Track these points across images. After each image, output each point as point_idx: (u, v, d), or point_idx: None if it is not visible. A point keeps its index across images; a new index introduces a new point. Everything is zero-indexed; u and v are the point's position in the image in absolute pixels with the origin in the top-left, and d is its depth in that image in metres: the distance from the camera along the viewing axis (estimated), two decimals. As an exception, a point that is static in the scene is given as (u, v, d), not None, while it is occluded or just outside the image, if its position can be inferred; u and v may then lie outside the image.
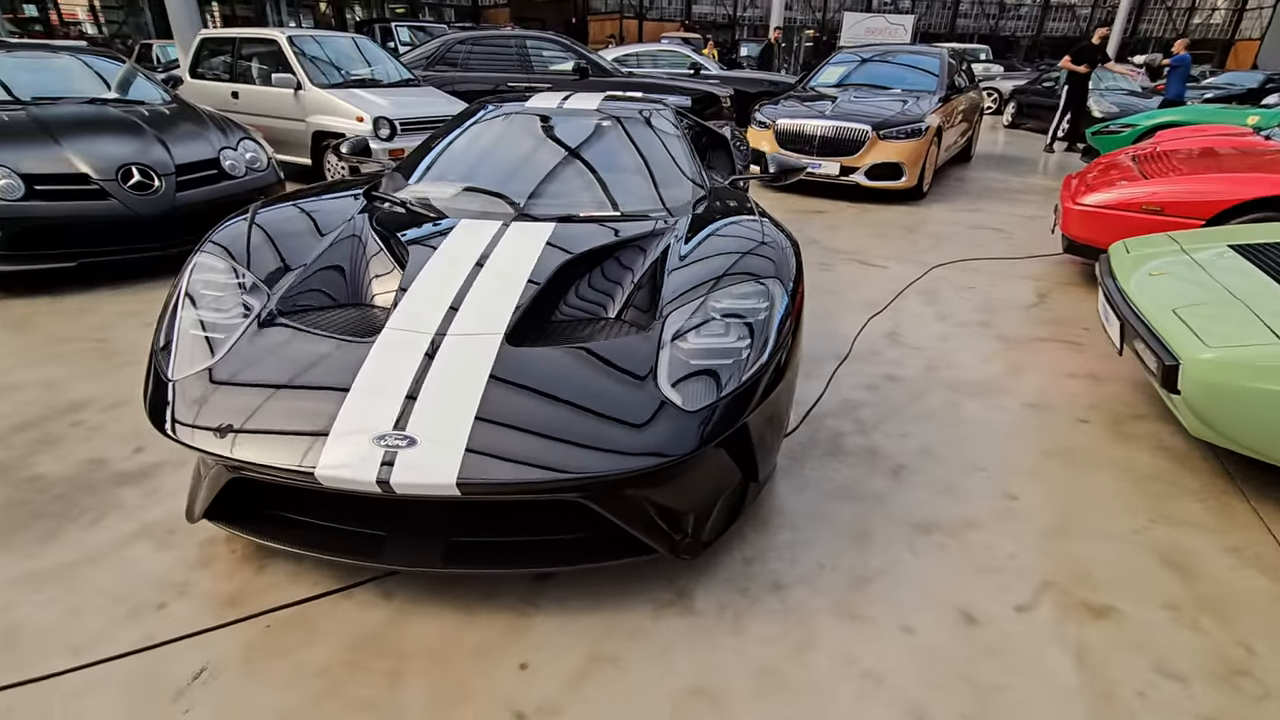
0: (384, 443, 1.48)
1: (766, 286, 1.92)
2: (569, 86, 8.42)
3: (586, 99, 3.31)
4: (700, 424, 1.58)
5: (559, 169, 2.71)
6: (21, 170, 3.65)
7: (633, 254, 2.18)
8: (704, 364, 1.70)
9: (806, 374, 3.01)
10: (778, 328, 1.84)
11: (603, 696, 1.50)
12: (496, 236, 2.21)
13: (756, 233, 2.22)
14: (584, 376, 1.65)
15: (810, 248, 4.99)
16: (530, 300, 1.88)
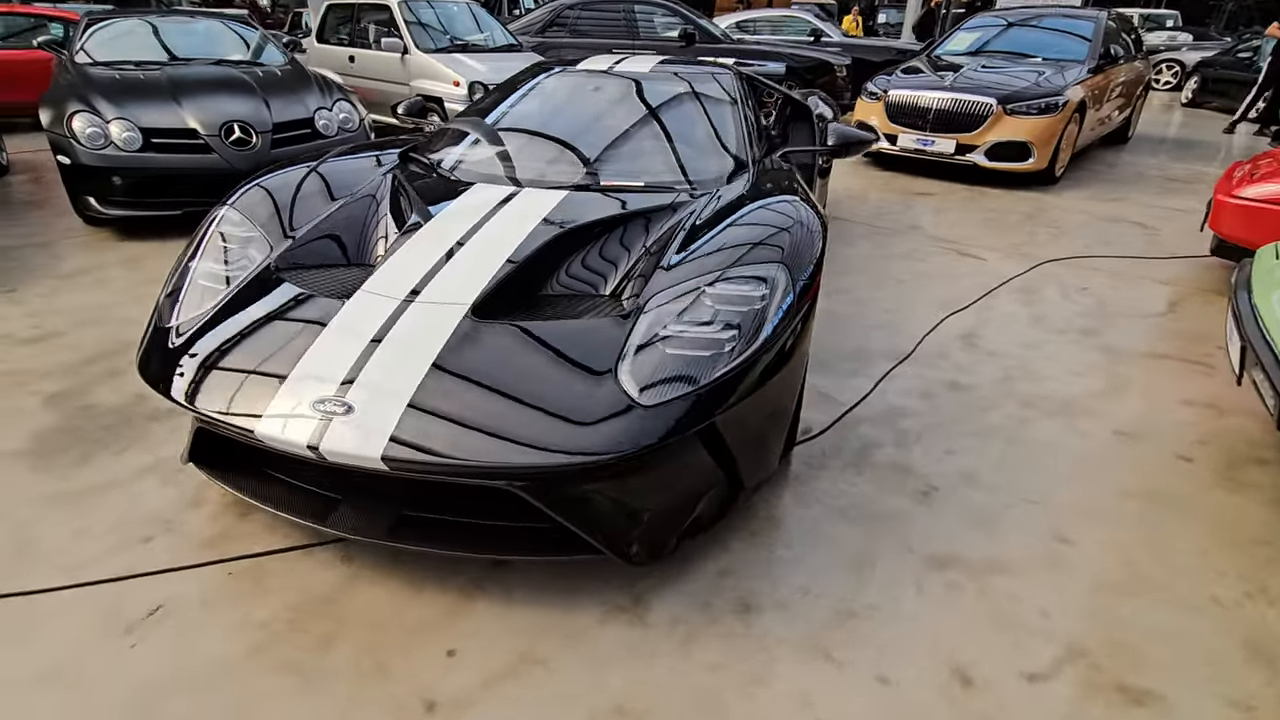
0: (322, 407, 1.45)
1: (769, 274, 1.70)
2: (649, 52, 8.20)
3: (641, 62, 3.12)
4: (654, 420, 1.42)
5: (587, 135, 2.57)
6: (141, 124, 4.03)
7: (638, 229, 2.01)
8: (679, 353, 1.53)
9: (852, 373, 2.72)
10: (776, 320, 1.62)
11: (521, 698, 1.41)
12: (502, 203, 2.12)
13: (781, 215, 1.97)
14: (536, 360, 1.53)
15: (905, 235, 4.54)
16: (509, 272, 1.78)
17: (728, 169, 2.44)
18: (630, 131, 2.58)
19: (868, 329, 3.12)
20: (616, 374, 1.49)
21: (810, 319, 1.79)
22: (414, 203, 2.14)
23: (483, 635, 1.55)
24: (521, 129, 2.69)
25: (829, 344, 2.96)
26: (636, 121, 2.64)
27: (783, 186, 2.24)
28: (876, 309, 3.35)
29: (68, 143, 3.95)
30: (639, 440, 1.40)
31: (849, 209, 5.12)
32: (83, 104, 4.05)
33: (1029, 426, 2.40)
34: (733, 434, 1.60)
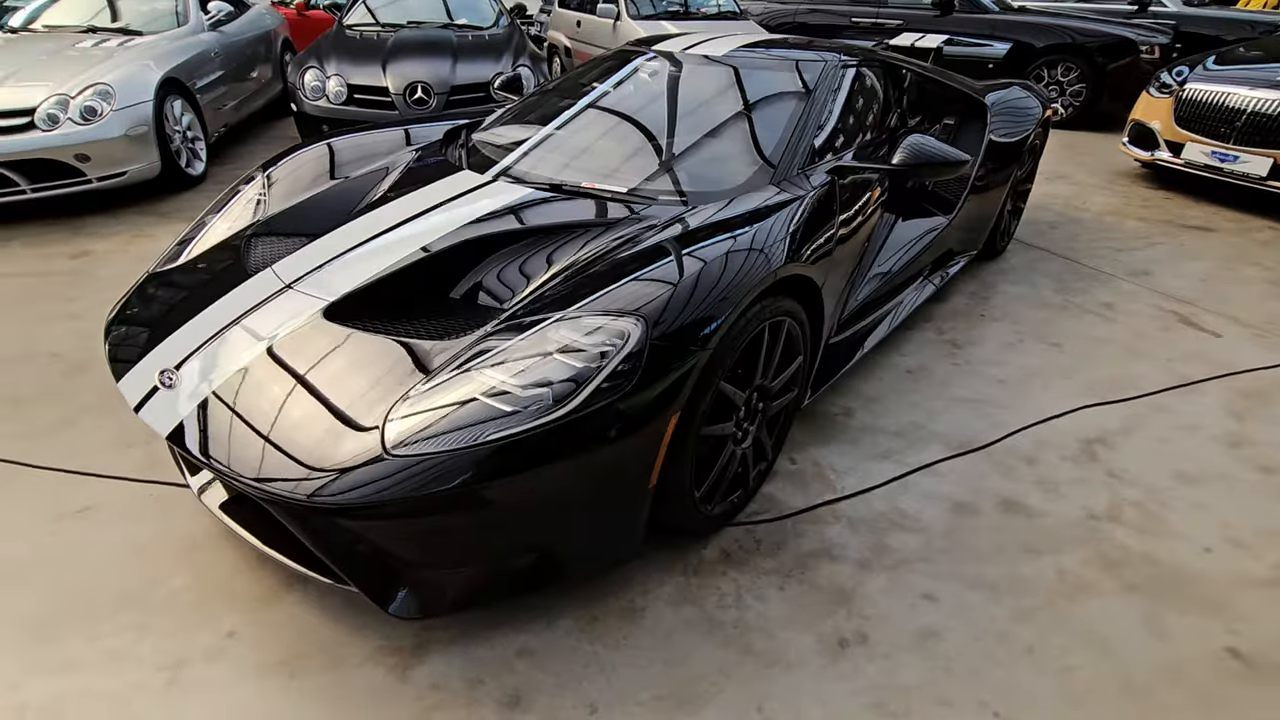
0: (159, 376, 1.53)
1: (624, 327, 1.36)
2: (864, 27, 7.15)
3: (724, 44, 2.68)
4: (402, 473, 1.25)
5: (602, 129, 2.29)
6: (350, 81, 4.67)
7: (575, 242, 1.75)
8: (474, 400, 1.31)
9: (885, 454, 2.13)
10: (604, 380, 1.30)
11: (209, 700, 1.39)
12: (464, 194, 2.00)
13: (715, 251, 1.56)
14: (331, 376, 1.43)
15: (1116, 282, 3.41)
16: (396, 270, 1.68)
17: (746, 177, 2.01)
18: (649, 128, 2.26)
19: (951, 400, 2.42)
20: (389, 411, 1.34)
21: (680, 388, 1.40)
22: (394, 184, 2.14)
23: (271, 628, 1.56)
24: (551, 116, 2.50)
25: (880, 407, 2.36)
26: (663, 117, 2.30)
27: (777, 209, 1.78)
28: (985, 375, 2.57)
29: (297, 94, 4.76)
30: (372, 491, 1.24)
31: (1063, 233, 4.00)
32: (316, 62, 4.83)
33: (1078, 600, 1.66)
34: (532, 504, 1.34)
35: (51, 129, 3.73)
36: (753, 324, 1.57)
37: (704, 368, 1.45)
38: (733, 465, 1.74)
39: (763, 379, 1.72)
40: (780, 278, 1.66)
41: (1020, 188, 3.62)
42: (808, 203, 1.87)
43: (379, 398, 1.38)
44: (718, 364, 1.50)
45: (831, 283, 1.98)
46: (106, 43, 4.53)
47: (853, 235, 2.13)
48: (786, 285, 1.73)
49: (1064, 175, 5.24)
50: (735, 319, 1.50)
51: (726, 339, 1.50)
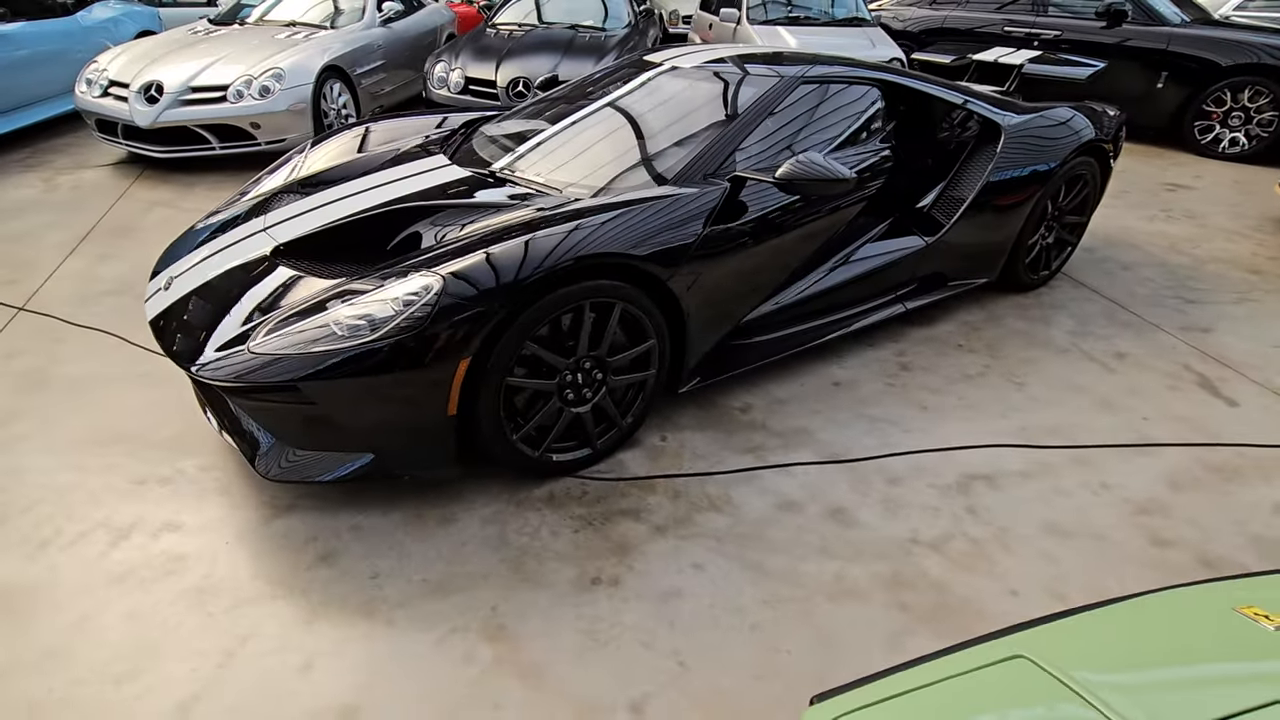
0: (162, 284, 2.15)
1: (429, 282, 1.71)
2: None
3: (698, 58, 2.85)
4: (251, 363, 1.73)
5: (564, 129, 2.61)
6: (467, 74, 5.40)
7: (480, 217, 2.12)
8: (322, 325, 1.74)
9: (750, 449, 2.25)
10: (404, 320, 1.68)
11: (162, 499, 1.96)
12: (425, 174, 2.45)
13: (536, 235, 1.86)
14: (255, 292, 1.95)
15: (1165, 334, 3.06)
16: (329, 227, 2.17)
17: (647, 178, 2.24)
18: (594, 132, 2.54)
19: (858, 415, 2.44)
20: (264, 321, 1.81)
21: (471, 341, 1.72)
22: (385, 162, 2.64)
23: (220, 469, 2.13)
24: (535, 117, 2.86)
25: (781, 410, 2.45)
26: (608, 122, 2.56)
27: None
28: (913, 400, 2.53)
29: (426, 83, 5.59)
30: (228, 374, 1.73)
31: (1134, 276, 3.59)
32: (448, 55, 5.62)
33: (838, 602, 1.71)
34: (348, 407, 1.75)
35: (237, 102, 4.83)
36: (563, 302, 1.84)
37: (501, 327, 1.76)
38: (561, 420, 2.02)
39: (592, 351, 1.98)
40: (610, 264, 1.90)
41: (1064, 219, 3.35)
42: (672, 202, 2.07)
43: (267, 309, 1.87)
44: (522, 329, 1.80)
45: (707, 282, 2.15)
46: (297, 35, 5.67)
47: (750, 241, 2.27)
48: (625, 273, 1.96)
49: (1194, 214, 4.58)
50: (536, 292, 1.79)
51: (532, 308, 1.79)
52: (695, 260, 2.09)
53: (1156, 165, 5.75)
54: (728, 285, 2.26)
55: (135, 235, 3.89)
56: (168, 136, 4.84)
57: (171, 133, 4.82)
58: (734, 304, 2.36)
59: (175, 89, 4.77)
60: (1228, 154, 6.01)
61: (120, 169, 4.99)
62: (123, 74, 4.96)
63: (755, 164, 2.42)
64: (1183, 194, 5.05)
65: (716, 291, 2.22)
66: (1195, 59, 6.01)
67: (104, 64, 5.12)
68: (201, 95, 4.80)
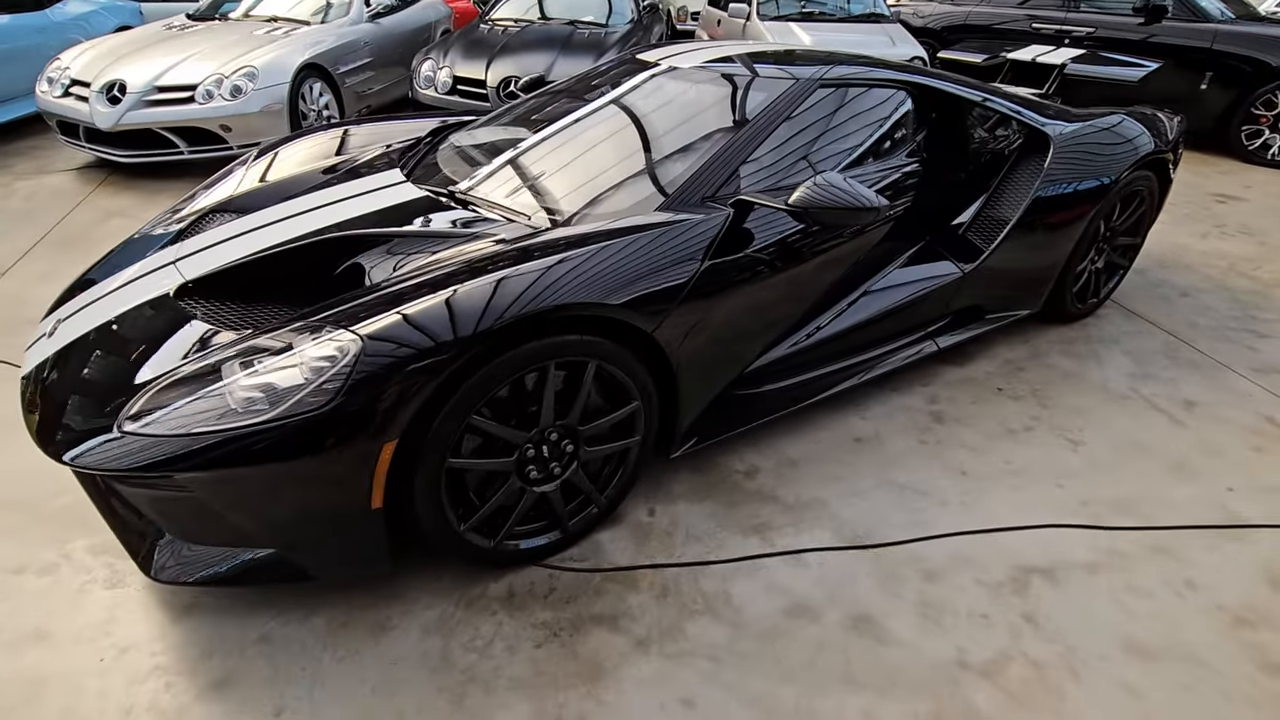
0: (48, 327, 1.79)
1: (345, 345, 1.34)
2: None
3: (690, 57, 2.45)
4: (122, 449, 1.35)
5: (535, 143, 2.22)
6: (456, 73, 5.02)
7: (418, 253, 1.74)
8: (211, 393, 1.38)
9: (755, 528, 1.87)
10: (310, 393, 1.30)
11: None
12: (366, 192, 2.08)
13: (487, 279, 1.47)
14: (136, 349, 1.57)
15: (1237, 376, 2.65)
16: (261, 257, 1.79)
17: (634, 201, 1.86)
18: (571, 145, 2.15)
19: (883, 482, 2.05)
20: (145, 388, 1.44)
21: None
22: (335, 179, 2.27)
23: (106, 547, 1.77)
24: (507, 126, 2.48)
25: (793, 474, 2.06)
26: (587, 134, 2.18)
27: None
28: (950, 461, 2.13)
29: (412, 82, 5.22)
30: (98, 460, 1.36)
31: (1194, 304, 3.18)
32: (435, 53, 5.25)
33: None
34: (247, 500, 1.38)
35: (207, 103, 4.48)
36: (520, 364, 1.46)
37: (439, 400, 1.39)
38: (523, 502, 1.65)
39: (559, 420, 1.60)
40: (581, 316, 1.52)
41: (1116, 241, 2.94)
42: (661, 233, 1.68)
43: (148, 375, 1.50)
44: (465, 400, 1.42)
45: (704, 328, 1.77)
46: (277, 31, 5.32)
47: (757, 276, 1.89)
48: (601, 325, 1.58)
49: (1251, 230, 4.15)
50: (483, 356, 1.41)
51: (478, 375, 1.41)
52: (689, 303, 1.71)
53: (1201, 173, 5.30)
54: (730, 330, 1.87)
55: (85, 250, 3.54)
56: (132, 140, 4.49)
57: (136, 136, 4.47)
58: (737, 351, 1.97)
59: (139, 89, 4.42)
60: (1278, 161, 5.55)
61: (84, 174, 4.65)
62: (85, 72, 4.61)
63: (765, 183, 2.03)
64: (1234, 206, 4.61)
65: (716, 338, 1.83)
66: (1243, 58, 5.55)
67: (66, 61, 4.78)
68: (168, 95, 4.45)
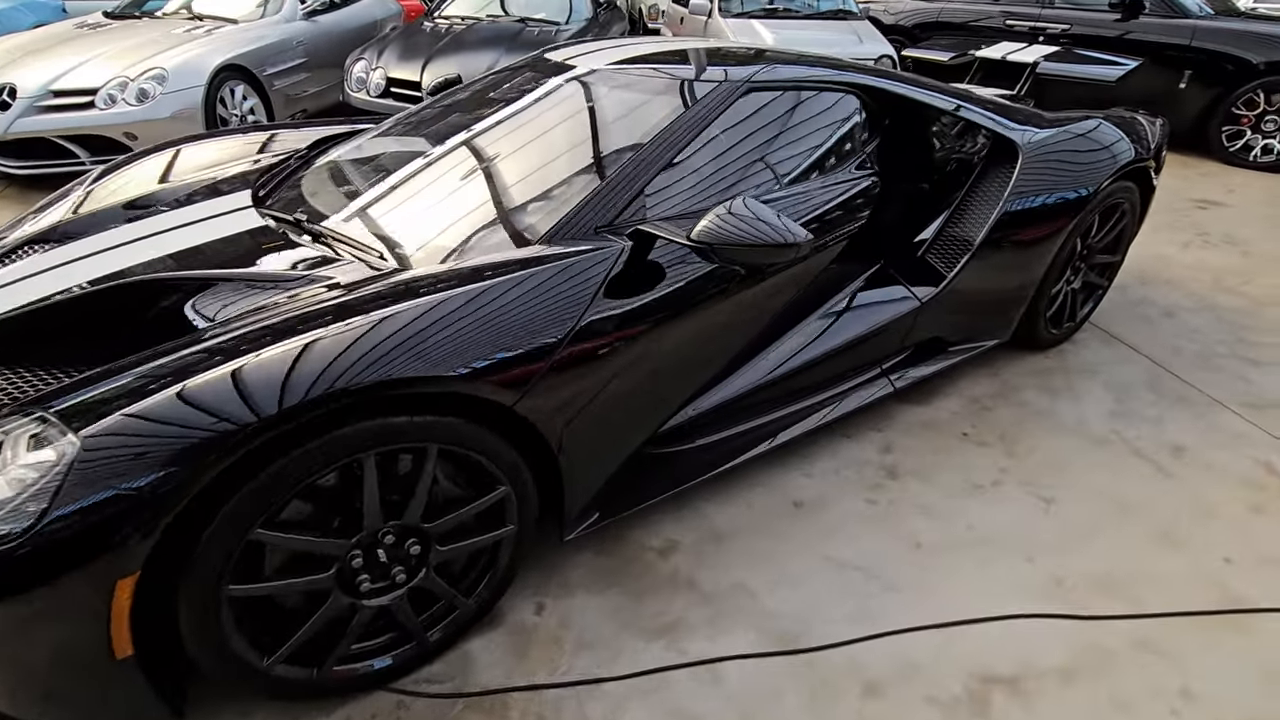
0: None
1: (58, 448, 0.99)
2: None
3: (598, 57, 2.12)
4: None
5: (416, 158, 1.87)
6: (390, 74, 4.66)
7: (214, 302, 1.39)
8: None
9: (662, 629, 1.54)
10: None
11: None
12: (187, 223, 1.72)
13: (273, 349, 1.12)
14: None
15: (1230, 412, 2.36)
16: (45, 305, 1.43)
17: (503, 235, 1.52)
18: (452, 160, 1.81)
19: (824, 560, 1.72)
20: None
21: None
22: (174, 203, 1.91)
23: None
24: (405, 135, 2.13)
25: (718, 552, 1.73)
26: (475, 145, 1.83)
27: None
28: (903, 530, 1.81)
29: (343, 84, 4.85)
30: None
31: (1180, 325, 2.89)
32: (369, 52, 4.88)
33: None
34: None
35: (108, 108, 4.08)
36: (321, 461, 1.12)
37: (203, 516, 1.04)
38: (356, 619, 1.30)
39: (393, 521, 1.26)
40: (418, 393, 1.18)
41: (1095, 259, 2.65)
42: (531, 278, 1.34)
43: None
44: (241, 514, 1.07)
45: (593, 392, 1.43)
46: (198, 29, 4.92)
47: (666, 321, 1.55)
48: (446, 400, 1.24)
49: (1235, 239, 3.89)
50: (265, 454, 1.07)
51: (258, 480, 1.07)
52: (568, 365, 1.37)
53: (1182, 177, 5.05)
54: (630, 391, 1.53)
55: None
56: (27, 149, 4.09)
57: (31, 144, 4.08)
58: (643, 414, 1.63)
59: (31, 93, 4.00)
60: (1260, 163, 5.31)
61: (-24, 187, 4.25)
62: (-24, 75, 4.21)
63: (683, 206, 1.70)
64: (1216, 212, 4.36)
65: (611, 403, 1.49)
66: (1224, 56, 5.31)
67: (-44, 64, 4.37)
68: (64, 100, 4.04)
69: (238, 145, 2.43)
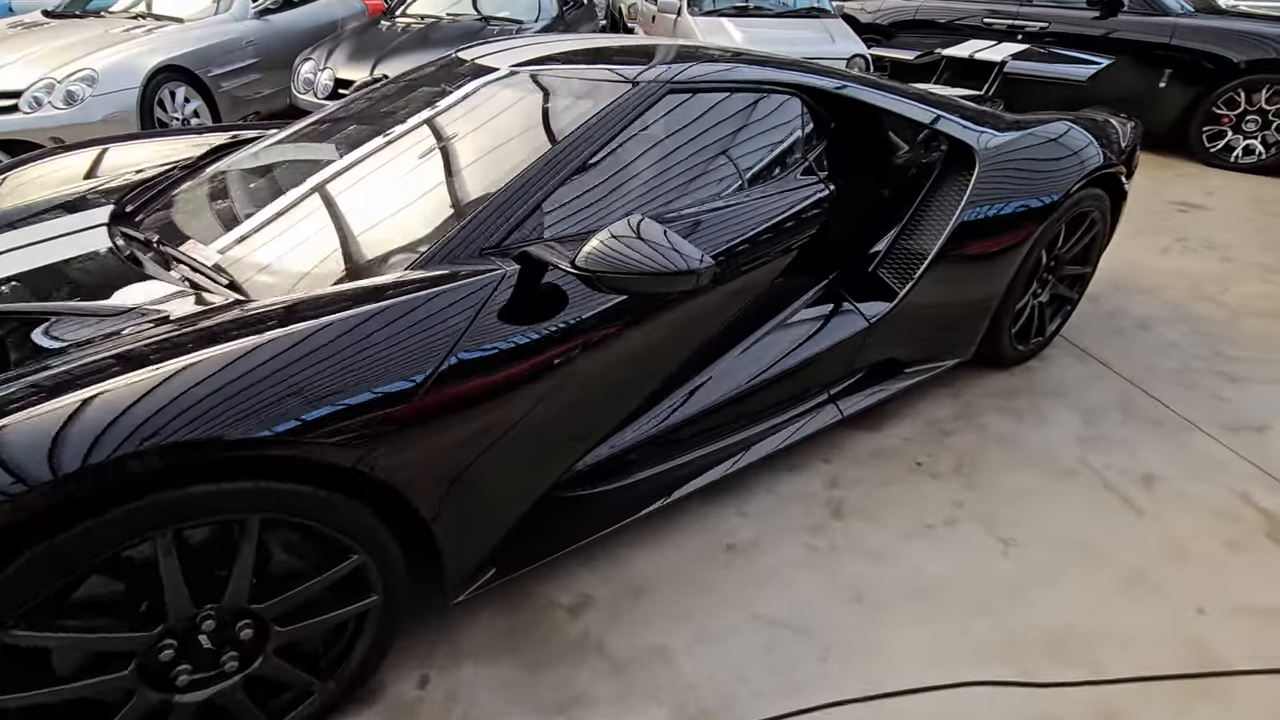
0: None
1: None
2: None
3: (507, 56, 1.93)
4: None
5: (293, 168, 1.68)
6: (339, 75, 4.45)
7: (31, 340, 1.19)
8: None
9: (558, 708, 1.35)
10: None
11: None
12: (29, 243, 1.52)
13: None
14: None
15: (1207, 436, 2.19)
16: None
17: (370, 257, 1.33)
18: (335, 171, 1.61)
19: (751, 617, 1.53)
20: None
21: None
22: (26, 218, 1.71)
23: None
24: (295, 143, 1.92)
25: (635, 609, 1.54)
26: (363, 154, 1.63)
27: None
28: (842, 578, 1.63)
29: (290, 85, 4.64)
30: None
31: (1155, 339, 2.72)
32: (320, 52, 4.67)
33: None
34: None
35: (33, 112, 3.85)
36: (109, 539, 0.92)
37: None
38: (175, 716, 1.11)
39: (210, 604, 1.07)
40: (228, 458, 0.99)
41: (1063, 271, 2.48)
42: (386, 311, 1.15)
43: None
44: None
45: (468, 442, 1.24)
46: (138, 28, 4.70)
47: (572, 355, 1.37)
48: (266, 462, 1.05)
49: (1215, 244, 3.74)
50: (41, 531, 0.87)
51: (13, 568, 0.87)
52: (435, 413, 1.17)
53: (1161, 178, 4.91)
54: (529, 433, 1.33)
55: None
56: (-53, 155, 3.87)
57: (-49, 151, 3.86)
58: (546, 458, 1.44)
59: (-52, 96, 3.80)
60: (1241, 164, 5.17)
61: (-103, 195, 4.01)
62: (-105, 77, 3.98)
63: (591, 223, 1.51)
64: (1196, 215, 4.21)
65: (506, 449, 1.30)
66: (1204, 54, 5.17)
67: (-124, 64, 4.13)
68: (-15, 104, 3.84)
69: (166, 148, 2.22)
